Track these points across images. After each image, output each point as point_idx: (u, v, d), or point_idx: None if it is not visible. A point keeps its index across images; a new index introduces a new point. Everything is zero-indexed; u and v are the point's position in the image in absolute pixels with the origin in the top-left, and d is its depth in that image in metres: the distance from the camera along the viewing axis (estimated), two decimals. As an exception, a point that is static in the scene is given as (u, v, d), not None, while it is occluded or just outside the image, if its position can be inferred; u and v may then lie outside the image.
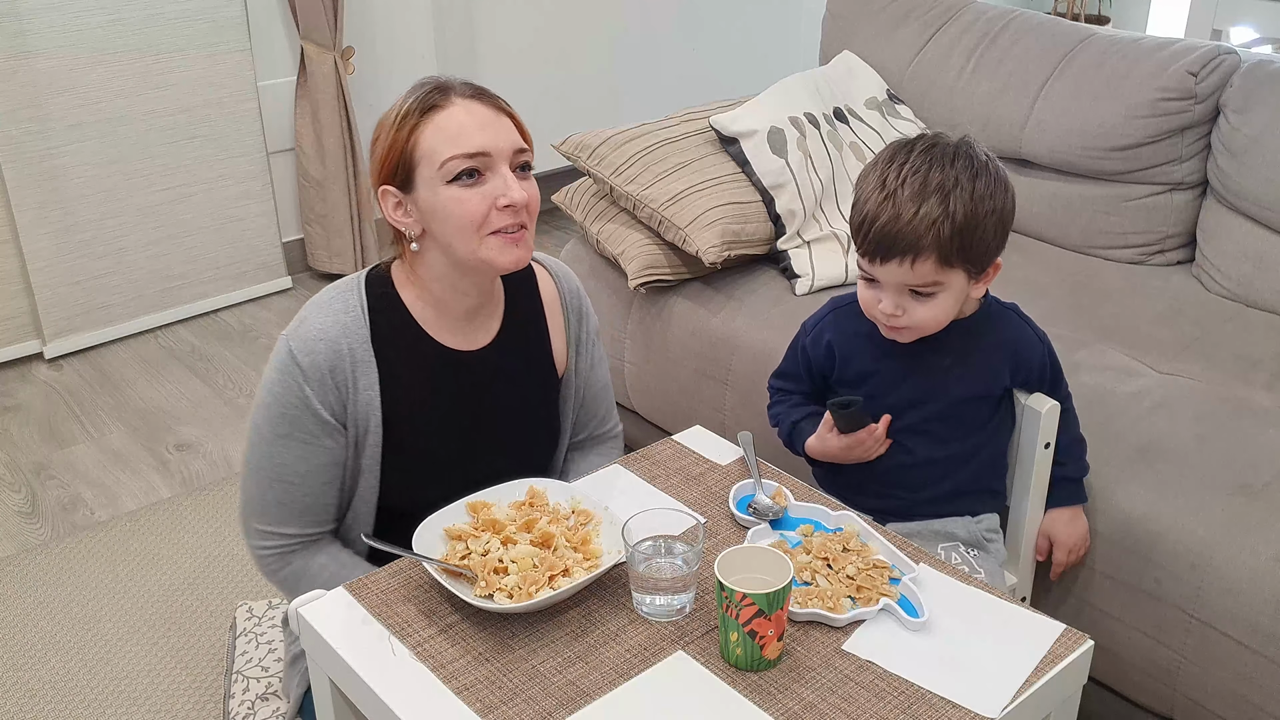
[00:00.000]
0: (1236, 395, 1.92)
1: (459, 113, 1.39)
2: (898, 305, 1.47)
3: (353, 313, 1.46)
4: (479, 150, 1.38)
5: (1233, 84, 2.30)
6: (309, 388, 1.42)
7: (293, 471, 1.45)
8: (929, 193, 1.40)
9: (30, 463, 2.74)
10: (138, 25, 3.09)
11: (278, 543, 1.50)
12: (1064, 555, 1.71)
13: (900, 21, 2.79)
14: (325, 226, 3.55)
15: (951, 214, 1.40)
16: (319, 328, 1.44)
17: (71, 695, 2.03)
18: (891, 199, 1.41)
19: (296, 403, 1.43)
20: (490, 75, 3.82)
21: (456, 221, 1.39)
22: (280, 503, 1.47)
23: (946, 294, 1.47)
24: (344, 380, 1.44)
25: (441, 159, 1.38)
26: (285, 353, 1.43)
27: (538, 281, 1.61)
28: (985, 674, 1.19)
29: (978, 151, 1.47)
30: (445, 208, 1.39)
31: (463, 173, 1.38)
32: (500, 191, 1.39)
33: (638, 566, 1.26)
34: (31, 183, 3.04)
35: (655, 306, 2.39)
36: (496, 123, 1.41)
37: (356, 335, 1.45)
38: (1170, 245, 2.43)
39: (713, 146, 2.41)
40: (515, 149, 1.41)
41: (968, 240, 1.42)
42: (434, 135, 1.39)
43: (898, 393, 1.57)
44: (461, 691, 1.17)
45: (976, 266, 1.47)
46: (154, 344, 3.30)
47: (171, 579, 2.31)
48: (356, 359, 1.45)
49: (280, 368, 1.44)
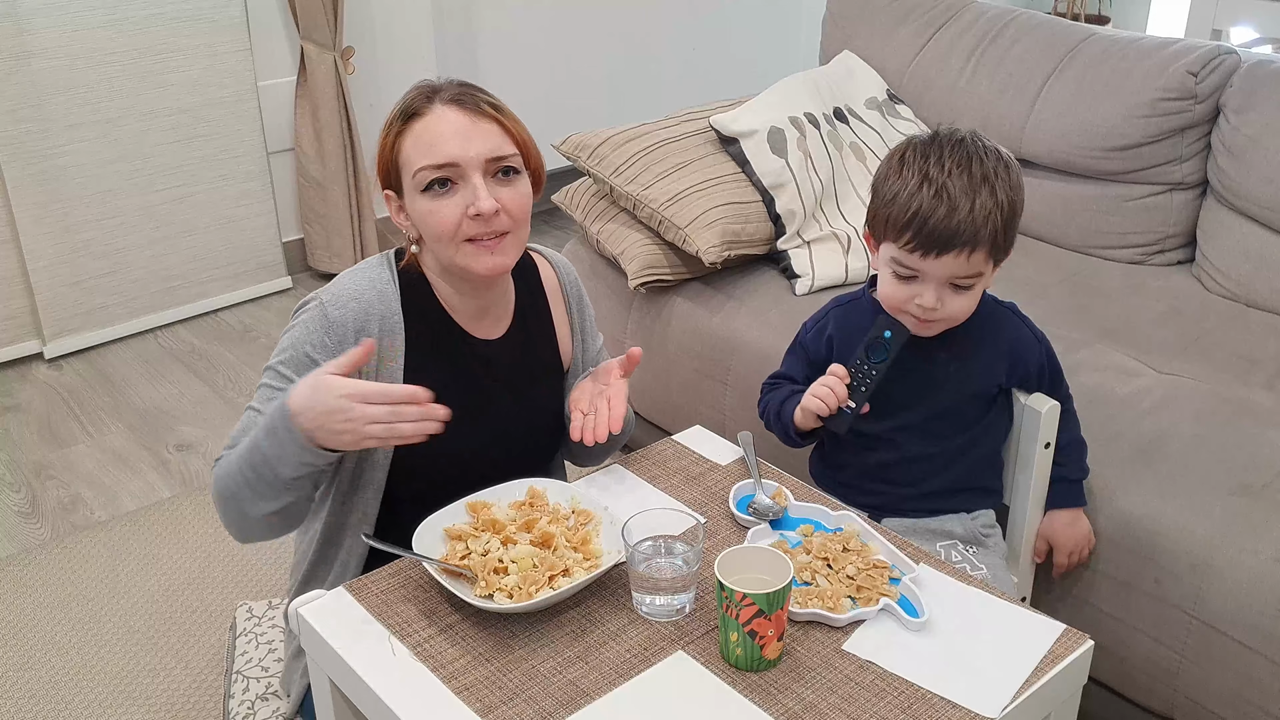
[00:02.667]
0: (1236, 395, 1.92)
1: (434, 121, 1.40)
2: (939, 298, 1.48)
3: (387, 283, 1.47)
4: (446, 161, 1.38)
5: (1233, 84, 2.30)
6: (328, 338, 1.41)
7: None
8: (979, 184, 1.42)
9: (30, 463, 2.74)
10: (138, 25, 3.09)
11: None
12: (1064, 558, 1.71)
13: (900, 21, 2.79)
14: (325, 226, 3.55)
15: (1001, 204, 1.43)
16: (355, 287, 1.45)
17: (71, 695, 2.03)
18: (944, 193, 1.41)
19: (306, 350, 1.42)
20: (490, 75, 3.82)
21: (432, 231, 1.41)
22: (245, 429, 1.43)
23: (981, 284, 1.50)
24: (365, 338, 1.43)
25: (414, 169, 1.40)
26: (316, 304, 1.44)
27: (540, 274, 1.62)
28: (985, 674, 1.19)
29: (999, 148, 1.49)
30: (421, 217, 1.42)
31: (433, 183, 1.39)
32: (470, 201, 1.39)
33: (638, 566, 1.26)
34: (31, 183, 3.04)
35: (655, 306, 2.39)
36: (471, 129, 1.40)
37: (389, 305, 1.46)
38: (1170, 245, 2.43)
39: (713, 146, 2.41)
40: (489, 157, 1.40)
41: (1011, 229, 1.46)
42: (411, 145, 1.40)
43: (895, 389, 1.58)
44: (461, 691, 1.17)
45: (1004, 257, 1.50)
46: (154, 344, 3.30)
47: (171, 579, 2.31)
48: (386, 326, 1.45)
49: (304, 323, 1.43)
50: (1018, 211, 1.46)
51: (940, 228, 1.41)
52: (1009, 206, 1.44)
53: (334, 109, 3.40)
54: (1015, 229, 1.48)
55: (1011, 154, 1.51)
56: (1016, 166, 1.48)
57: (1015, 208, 1.45)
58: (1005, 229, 1.45)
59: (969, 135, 1.48)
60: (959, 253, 1.43)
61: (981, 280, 1.49)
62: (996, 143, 1.50)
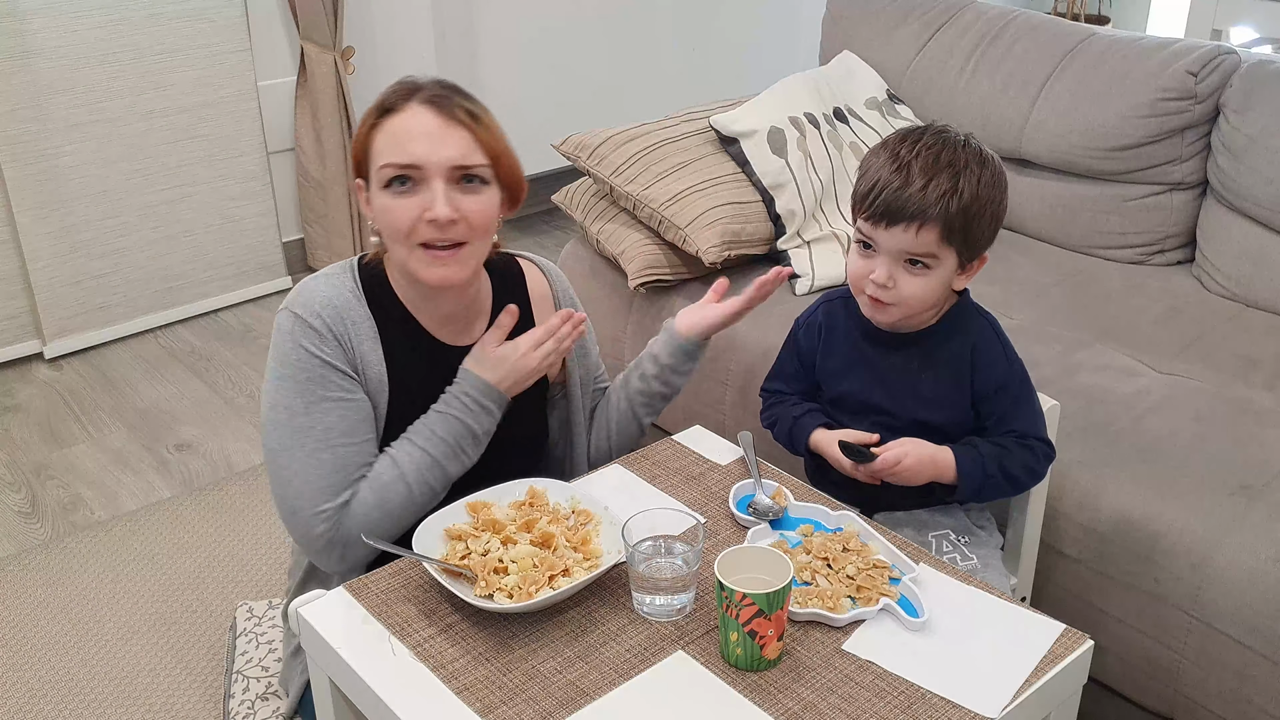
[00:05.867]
0: (1236, 395, 1.92)
1: (406, 119, 1.39)
2: (890, 275, 1.49)
3: (350, 289, 1.47)
4: (410, 162, 1.38)
5: (1233, 84, 2.30)
6: (325, 346, 1.41)
7: (338, 432, 1.41)
8: (941, 168, 1.45)
9: (30, 463, 2.74)
10: (138, 25, 3.09)
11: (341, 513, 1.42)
12: (884, 466, 1.50)
13: (900, 22, 2.79)
14: (325, 226, 3.55)
15: (960, 190, 1.44)
16: (322, 294, 1.44)
17: (71, 695, 2.03)
18: (905, 168, 1.45)
19: (318, 364, 1.41)
20: (490, 75, 3.82)
21: (387, 228, 1.41)
22: (336, 469, 1.40)
23: (937, 273, 1.49)
24: (349, 344, 1.43)
25: (379, 164, 1.40)
26: (291, 320, 1.42)
27: (526, 279, 1.61)
28: (985, 674, 1.19)
29: (984, 148, 1.51)
30: (378, 213, 1.42)
31: (394, 180, 1.39)
32: (427, 205, 1.38)
33: (638, 566, 1.26)
34: (31, 183, 3.04)
35: (655, 306, 2.39)
36: (441, 133, 1.38)
37: (357, 308, 1.46)
38: (1170, 245, 2.43)
39: (713, 146, 2.41)
40: (454, 164, 1.38)
41: (969, 221, 1.46)
42: (381, 139, 1.40)
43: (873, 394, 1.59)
44: (461, 691, 1.17)
45: (968, 253, 1.50)
46: (154, 344, 3.30)
47: (171, 579, 2.31)
48: (360, 329, 1.45)
49: (289, 335, 1.41)
50: (985, 208, 1.46)
51: (891, 198, 1.45)
52: (971, 197, 1.44)
53: (334, 109, 3.40)
54: (982, 226, 1.47)
55: (1001, 160, 1.51)
56: (996, 169, 1.49)
57: (981, 202, 1.46)
58: (963, 216, 1.44)
59: (958, 132, 1.50)
60: (908, 226, 1.45)
61: (938, 267, 1.48)
62: (990, 148, 1.51)
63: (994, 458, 1.51)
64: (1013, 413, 1.55)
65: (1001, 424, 1.54)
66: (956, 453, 1.51)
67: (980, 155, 1.48)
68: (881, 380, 1.58)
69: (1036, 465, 1.54)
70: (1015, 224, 2.57)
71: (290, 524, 1.43)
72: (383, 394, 1.46)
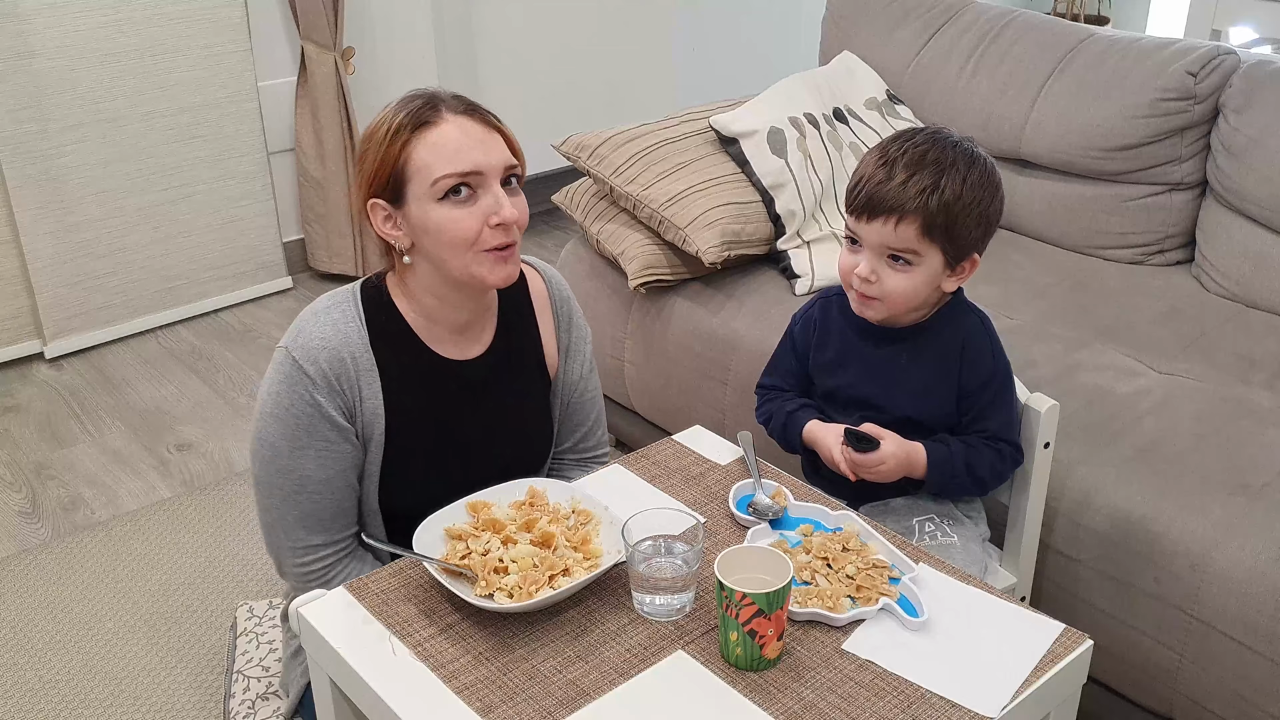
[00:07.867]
0: (1236, 395, 1.92)
1: (452, 129, 1.39)
2: (873, 270, 1.50)
3: (351, 321, 1.46)
4: (472, 169, 1.38)
5: (1232, 84, 2.30)
6: (319, 395, 1.42)
7: (314, 480, 1.45)
8: (926, 165, 1.47)
9: (30, 463, 2.74)
10: (138, 25, 3.09)
11: (315, 557, 1.49)
12: (867, 462, 1.51)
13: (900, 22, 2.79)
14: (325, 226, 3.55)
15: (941, 189, 1.45)
16: (320, 336, 1.43)
17: (71, 695, 2.03)
18: (890, 164, 1.48)
19: (310, 411, 1.42)
20: (490, 75, 3.82)
21: (449, 239, 1.40)
22: (308, 514, 1.46)
23: (920, 270, 1.49)
24: (350, 386, 1.44)
25: (434, 176, 1.38)
26: (289, 363, 1.43)
27: (528, 282, 1.61)
28: (985, 674, 1.19)
29: (978, 150, 1.52)
30: (438, 225, 1.40)
31: (451, 190, 1.39)
32: (493, 209, 1.39)
33: (638, 566, 1.26)
34: (31, 183, 3.04)
35: (655, 306, 2.39)
36: (488, 139, 1.41)
37: (358, 343, 1.45)
38: (1170, 245, 2.43)
39: (713, 146, 2.42)
40: (506, 165, 1.41)
41: (952, 219, 1.47)
42: (427, 152, 1.39)
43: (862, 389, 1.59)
44: (461, 691, 1.17)
45: (954, 252, 1.50)
46: (154, 344, 3.30)
47: (171, 579, 2.32)
48: (360, 366, 1.45)
49: (286, 378, 1.43)
50: (970, 208, 1.47)
51: (872, 191, 1.47)
52: (953, 195, 1.45)
53: (334, 109, 3.40)
54: (968, 225, 1.48)
55: (996, 165, 1.52)
56: (986, 171, 1.49)
57: (965, 201, 1.46)
58: (945, 213, 1.45)
59: (954, 135, 1.51)
60: (886, 219, 1.46)
61: (921, 264, 1.49)
62: (989, 150, 1.51)
63: (962, 456, 1.55)
64: (989, 412, 1.57)
65: (976, 421, 1.57)
66: (928, 448, 1.54)
67: (970, 156, 1.49)
68: (872, 374, 1.59)
69: (1002, 468, 1.58)
70: (1015, 224, 2.57)
71: (268, 551, 1.55)
72: (378, 422, 1.47)
